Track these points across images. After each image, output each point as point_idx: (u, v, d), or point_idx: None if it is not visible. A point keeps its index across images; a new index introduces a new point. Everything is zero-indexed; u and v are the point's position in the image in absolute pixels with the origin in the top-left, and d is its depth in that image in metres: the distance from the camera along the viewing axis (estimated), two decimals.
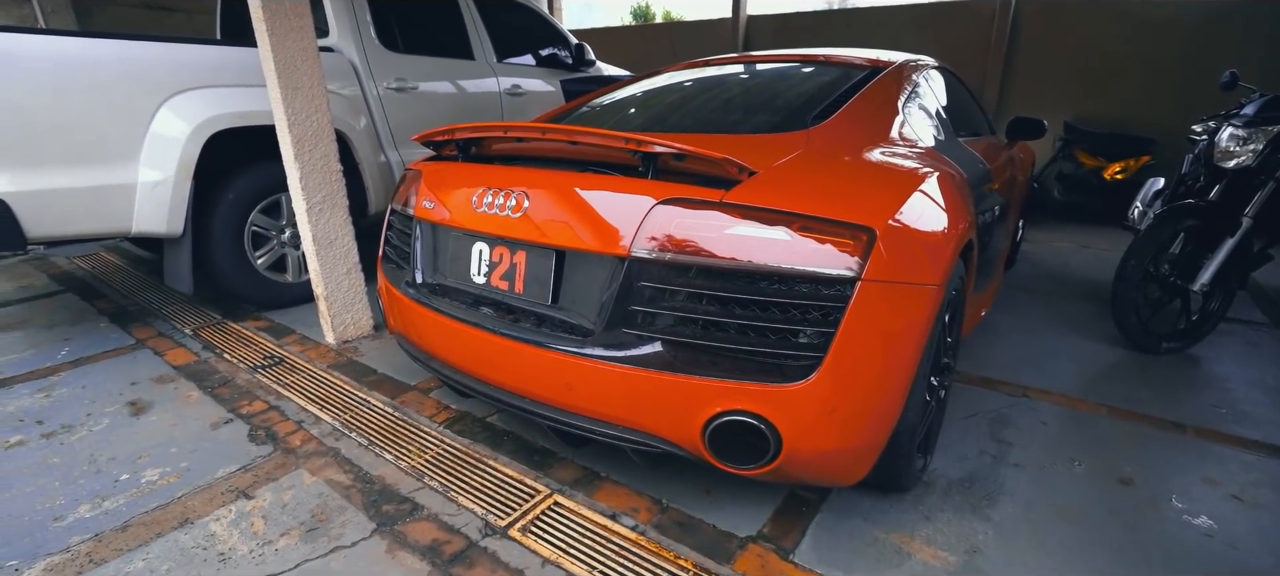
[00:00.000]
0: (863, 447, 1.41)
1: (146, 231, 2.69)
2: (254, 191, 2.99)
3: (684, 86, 2.52)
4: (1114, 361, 2.66)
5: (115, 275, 3.76)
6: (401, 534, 1.61)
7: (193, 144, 2.71)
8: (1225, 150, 2.69)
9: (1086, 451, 1.98)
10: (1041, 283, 3.75)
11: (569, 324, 1.53)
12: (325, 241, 2.65)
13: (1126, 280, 2.67)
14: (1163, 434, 2.10)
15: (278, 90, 2.45)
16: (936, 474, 1.86)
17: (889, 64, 2.33)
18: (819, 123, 1.83)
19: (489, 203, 1.65)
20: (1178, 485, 1.82)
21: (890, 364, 1.38)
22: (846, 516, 1.67)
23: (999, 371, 2.53)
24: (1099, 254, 4.44)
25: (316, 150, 2.58)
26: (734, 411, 1.33)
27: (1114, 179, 5.32)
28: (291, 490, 1.78)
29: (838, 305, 1.30)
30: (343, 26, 3.43)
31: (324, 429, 2.09)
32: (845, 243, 1.32)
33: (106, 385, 2.40)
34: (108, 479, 1.84)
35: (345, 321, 2.77)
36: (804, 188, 1.45)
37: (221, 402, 2.26)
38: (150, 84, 2.65)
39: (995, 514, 1.68)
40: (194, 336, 2.85)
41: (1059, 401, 2.30)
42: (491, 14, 4.27)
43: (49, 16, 4.71)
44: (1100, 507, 1.71)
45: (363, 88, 3.46)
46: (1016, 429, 2.11)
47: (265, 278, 3.09)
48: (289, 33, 2.44)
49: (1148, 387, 2.41)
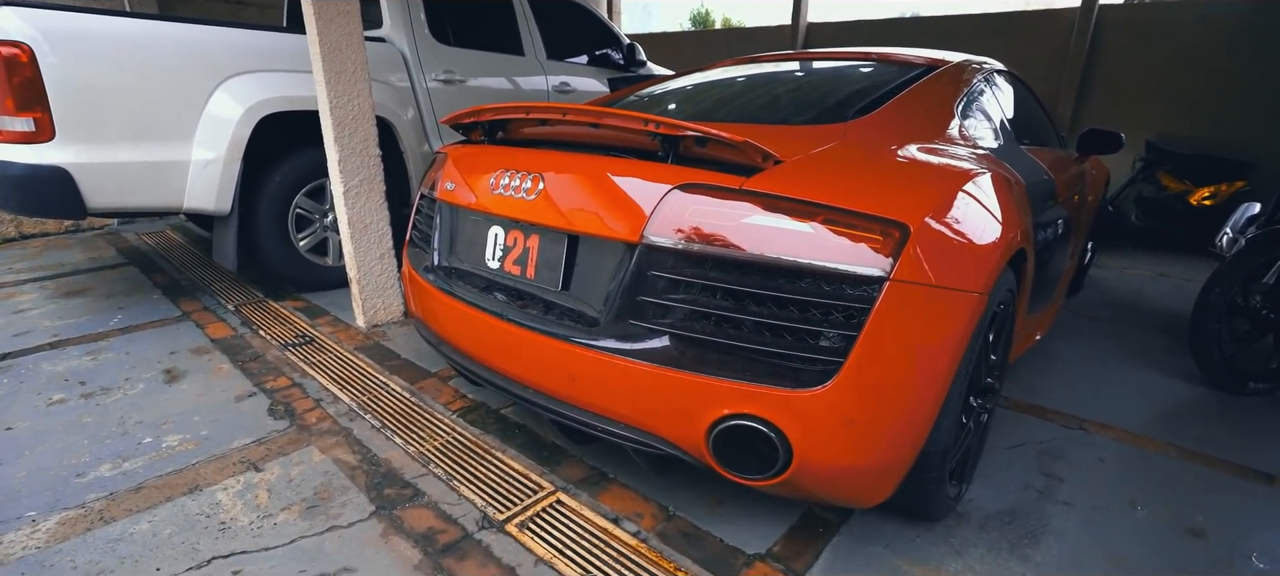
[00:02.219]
0: (884, 466, 1.29)
1: (196, 208, 2.79)
2: (300, 175, 3.06)
3: (729, 81, 2.43)
4: (1189, 399, 2.40)
5: (176, 252, 3.94)
6: (399, 519, 1.57)
7: (244, 126, 2.80)
8: None
9: (1150, 495, 1.77)
10: (1110, 311, 3.45)
11: (576, 312, 1.46)
12: (360, 225, 2.68)
13: (1209, 310, 2.41)
14: (1244, 483, 1.86)
15: (322, 74, 2.50)
16: (973, 505, 1.69)
17: (943, 62, 2.18)
18: (860, 117, 1.71)
19: (505, 184, 1.61)
20: (1261, 542, 1.60)
21: (919, 376, 1.25)
22: (866, 542, 1.53)
23: (1054, 401, 2.32)
24: (1178, 283, 4.07)
25: (356, 134, 2.61)
26: (741, 415, 1.23)
27: (1201, 205, 4.88)
28: (300, 466, 1.78)
29: (862, 306, 1.19)
30: (396, 18, 3.50)
31: (341, 409, 2.09)
32: (874, 238, 1.21)
33: (147, 353, 2.48)
34: (132, 441, 1.89)
35: (376, 305, 2.79)
36: (832, 179, 1.34)
37: (249, 376, 2.30)
38: (207, 66, 2.75)
39: (1036, 555, 1.51)
40: (235, 312, 2.93)
41: (1121, 437, 2.08)
42: (544, 11, 4.28)
43: (135, 6, 5.02)
44: (1162, 560, 1.52)
45: (412, 79, 3.51)
46: (1069, 463, 1.91)
47: (306, 259, 3.16)
48: (335, 17, 2.48)
49: (1227, 430, 2.16)
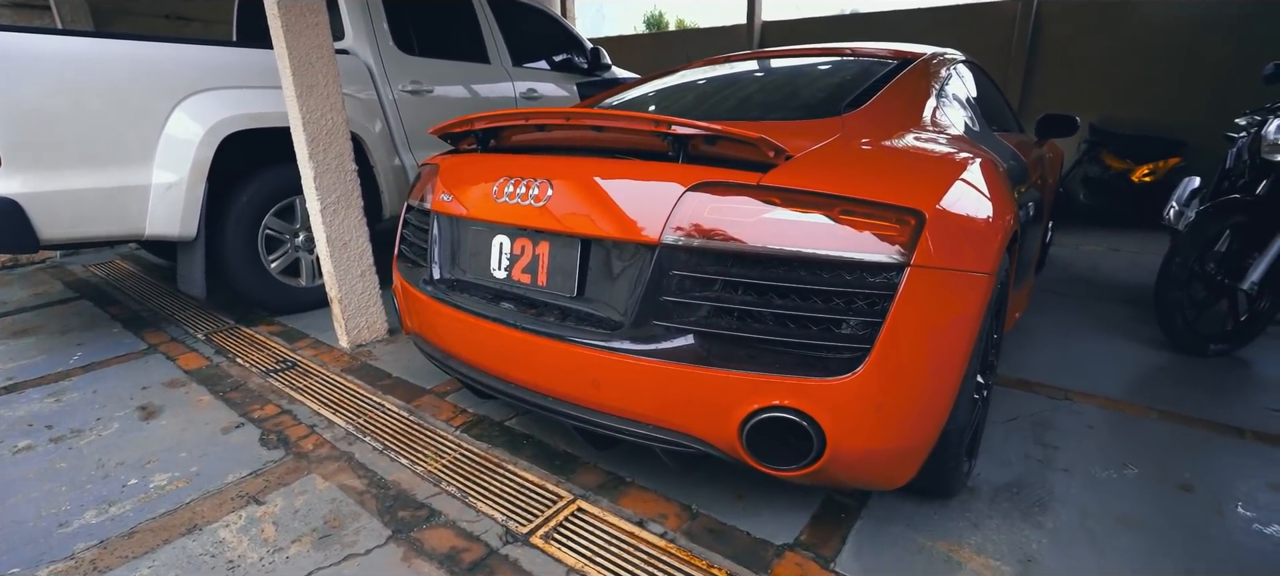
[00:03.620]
0: (911, 448, 1.32)
1: (160, 234, 2.66)
2: (268, 194, 2.95)
3: (708, 81, 2.45)
4: (1159, 364, 2.53)
5: (129, 281, 3.73)
6: (418, 541, 1.52)
7: (206, 146, 2.68)
8: (1274, 143, 2.57)
9: (1139, 456, 1.86)
10: (1073, 286, 3.62)
11: (596, 317, 1.45)
12: (339, 243, 2.60)
13: (1171, 279, 2.55)
14: (1219, 438, 1.97)
15: (292, 88, 2.41)
16: (981, 479, 1.75)
17: (919, 55, 2.25)
18: (852, 110, 1.75)
19: (510, 193, 1.58)
20: (1243, 491, 1.70)
21: (941, 357, 1.29)
22: (888, 523, 1.57)
23: (1038, 374, 2.42)
24: (1130, 257, 4.30)
25: (331, 149, 2.53)
26: (774, 408, 1.24)
27: (1142, 181, 5.18)
28: (304, 495, 1.71)
29: (885, 293, 1.21)
30: (358, 29, 3.40)
31: (337, 433, 2.02)
32: (892, 227, 1.23)
33: (117, 389, 2.35)
34: (115, 484, 1.78)
35: (359, 325, 2.71)
36: (844, 170, 1.37)
37: (233, 407, 2.20)
38: (164, 85, 2.62)
39: (1048, 521, 1.57)
40: (206, 341, 2.80)
41: (1104, 404, 2.18)
42: (507, 18, 4.24)
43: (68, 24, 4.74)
44: (1162, 515, 1.60)
45: (378, 91, 3.42)
46: (1061, 432, 1.99)
47: (279, 282, 3.04)
48: (304, 30, 2.40)
49: (1198, 390, 2.29)
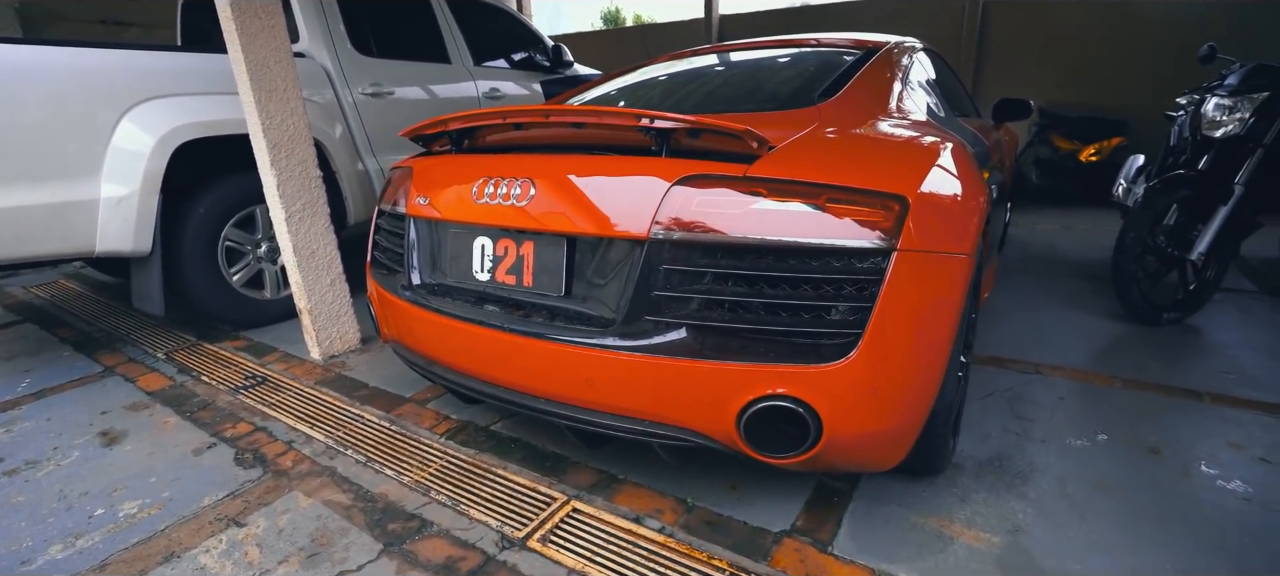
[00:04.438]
0: (903, 428, 1.35)
1: (112, 250, 2.53)
2: (226, 204, 2.83)
3: (677, 75, 2.45)
4: (1118, 335, 2.65)
5: (76, 302, 3.54)
6: (411, 553, 1.49)
7: (158, 156, 2.56)
8: (1212, 120, 2.71)
9: (1109, 424, 1.95)
10: (1032, 264, 3.76)
11: (586, 315, 1.43)
12: (307, 252, 2.51)
13: (1126, 253, 2.66)
14: (1179, 402, 2.08)
15: (250, 94, 2.32)
16: (963, 455, 1.80)
17: (883, 44, 2.29)
18: (827, 99, 1.78)
19: (491, 193, 1.55)
20: (1205, 451, 1.79)
21: (929, 337, 1.32)
22: (880, 503, 1.60)
23: (1008, 350, 2.50)
24: (1083, 234, 4.49)
25: (294, 155, 2.45)
26: (771, 396, 1.25)
27: (1089, 161, 5.40)
28: (287, 514, 1.65)
29: (874, 278, 1.23)
30: (314, 31, 3.29)
31: (317, 448, 1.96)
32: (878, 213, 1.26)
33: (74, 416, 2.23)
34: (81, 515, 1.69)
35: (331, 335, 2.63)
36: (827, 159, 1.38)
37: (203, 427, 2.11)
38: (110, 93, 2.49)
39: (1031, 491, 1.63)
40: (167, 360, 2.68)
41: (1072, 376, 2.27)
42: (466, 17, 4.16)
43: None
44: (1135, 478, 1.67)
45: (337, 94, 3.32)
46: (1035, 405, 2.07)
47: (242, 295, 2.93)
48: (260, 32, 2.31)
49: (1156, 358, 2.40)
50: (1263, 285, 3.26)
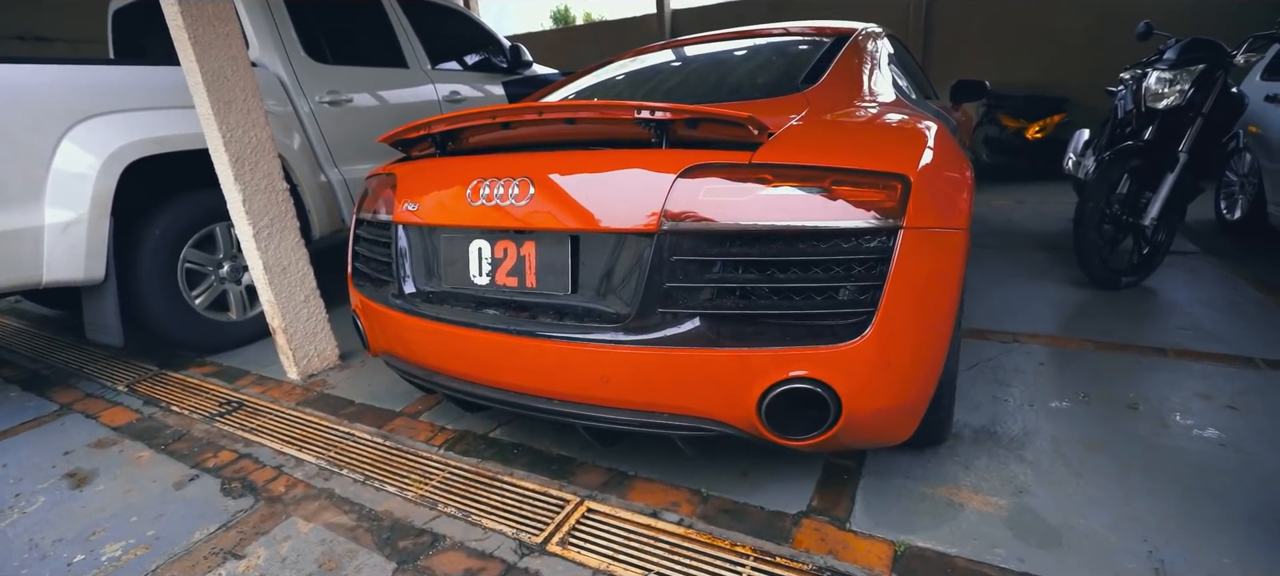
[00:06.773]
0: (915, 402, 1.38)
1: (61, 280, 2.37)
2: (184, 224, 2.69)
3: (650, 69, 2.45)
4: (1082, 300, 2.78)
5: (17, 338, 3.30)
6: (427, 569, 1.44)
7: (107, 177, 2.40)
8: (1155, 93, 2.87)
9: (1089, 385, 2.04)
10: (993, 238, 3.91)
11: (596, 312, 1.42)
12: (278, 268, 2.41)
13: (1086, 222, 2.80)
14: (1147, 359, 2.19)
15: (208, 106, 2.20)
16: (960, 424, 1.86)
17: (852, 30, 2.33)
18: (811, 85, 1.80)
19: (486, 194, 1.52)
20: (1177, 403, 1.90)
21: (935, 311, 1.35)
22: (889, 477, 1.64)
23: (987, 322, 2.59)
24: (1035, 208, 4.69)
25: (258, 168, 2.34)
26: (791, 379, 1.26)
27: (1035, 138, 5.66)
28: (288, 541, 1.58)
29: (882, 257, 1.26)
30: (264, 39, 3.15)
31: (309, 470, 1.88)
32: (882, 193, 1.28)
33: (33, 459, 2.07)
34: (58, 563, 1.57)
35: (308, 353, 2.52)
36: (826, 142, 1.40)
37: (180, 459, 2.00)
38: (45, 113, 2.32)
39: (1028, 454, 1.69)
40: (130, 392, 2.52)
41: (1048, 342, 2.37)
42: (420, 20, 4.05)
43: None
44: (1120, 434, 1.76)
45: (294, 104, 3.19)
46: (1018, 372, 2.15)
47: (206, 318, 2.79)
48: (215, 40, 2.20)
49: (1121, 319, 2.53)
50: (1204, 246, 3.47)
